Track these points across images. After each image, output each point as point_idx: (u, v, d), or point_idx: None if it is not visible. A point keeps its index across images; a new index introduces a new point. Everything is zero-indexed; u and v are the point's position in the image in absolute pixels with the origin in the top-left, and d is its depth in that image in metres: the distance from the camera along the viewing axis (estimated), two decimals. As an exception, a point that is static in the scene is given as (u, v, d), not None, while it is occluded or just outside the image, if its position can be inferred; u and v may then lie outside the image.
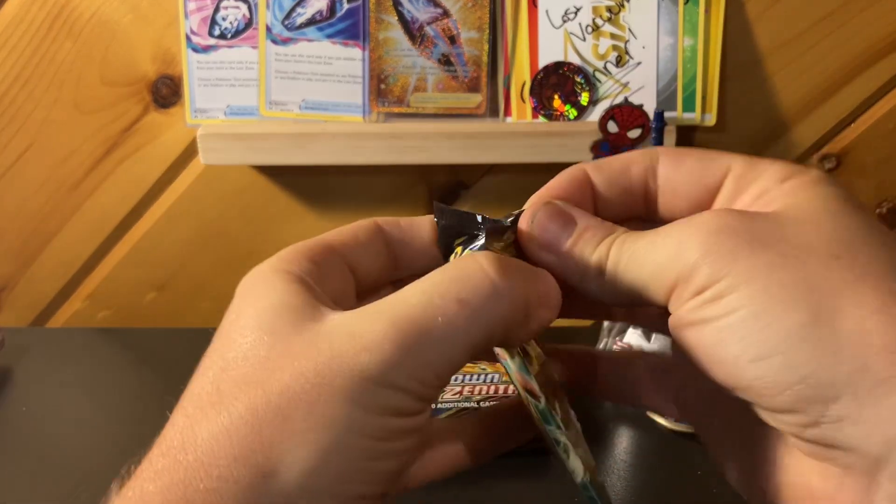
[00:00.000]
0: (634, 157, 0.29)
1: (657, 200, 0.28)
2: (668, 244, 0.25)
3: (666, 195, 0.28)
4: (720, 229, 0.24)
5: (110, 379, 0.70)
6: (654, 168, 0.28)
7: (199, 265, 0.80)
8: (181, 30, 0.69)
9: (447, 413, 0.57)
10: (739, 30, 0.71)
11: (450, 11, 0.68)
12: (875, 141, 0.76)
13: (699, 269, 0.24)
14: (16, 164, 0.76)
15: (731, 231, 0.24)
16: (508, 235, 0.29)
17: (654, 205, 0.29)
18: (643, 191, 0.28)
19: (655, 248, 0.25)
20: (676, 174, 0.28)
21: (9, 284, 0.82)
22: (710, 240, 0.24)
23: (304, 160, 0.69)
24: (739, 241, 0.24)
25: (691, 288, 0.24)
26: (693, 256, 0.24)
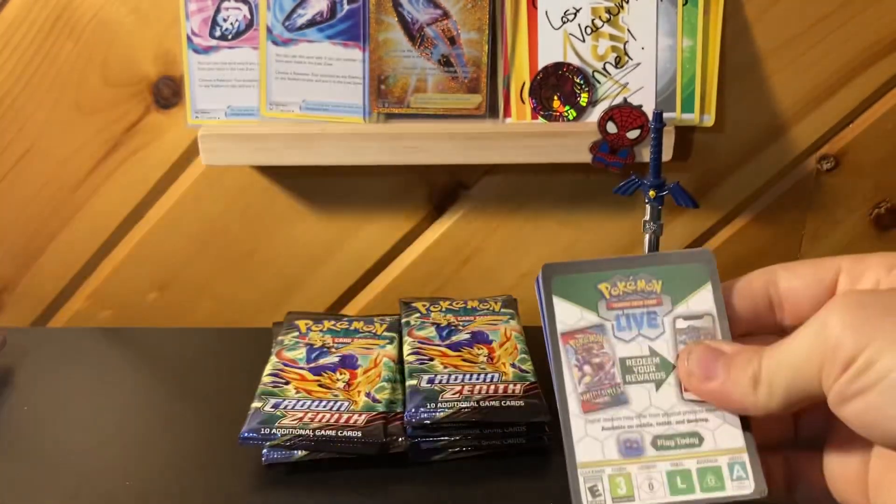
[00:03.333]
0: (755, 273, 0.32)
1: (783, 308, 0.32)
2: (807, 334, 0.27)
3: (790, 301, 0.31)
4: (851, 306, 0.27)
5: (112, 379, 0.71)
6: (774, 280, 0.32)
7: (200, 265, 0.81)
8: (182, 31, 0.69)
9: (447, 412, 0.57)
10: (738, 31, 0.71)
11: (449, 12, 0.68)
12: (874, 141, 0.76)
13: (842, 344, 0.26)
14: (17, 165, 0.77)
15: (862, 305, 0.27)
16: None
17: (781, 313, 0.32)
18: (768, 303, 0.32)
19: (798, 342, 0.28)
20: (795, 281, 0.31)
21: (10, 284, 0.82)
22: (845, 316, 0.26)
23: (304, 161, 0.69)
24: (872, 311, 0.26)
25: (839, 363, 0.26)
26: (834, 334, 0.26)
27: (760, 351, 0.29)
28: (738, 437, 0.30)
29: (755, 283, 0.32)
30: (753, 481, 0.30)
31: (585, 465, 0.31)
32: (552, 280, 0.32)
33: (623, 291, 0.32)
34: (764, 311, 0.32)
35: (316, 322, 0.71)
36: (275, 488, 0.57)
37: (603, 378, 0.32)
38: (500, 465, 0.59)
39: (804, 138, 0.76)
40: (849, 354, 0.26)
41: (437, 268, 0.81)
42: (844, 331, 0.26)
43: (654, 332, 0.32)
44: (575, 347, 0.32)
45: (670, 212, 0.77)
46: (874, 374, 0.25)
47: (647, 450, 0.31)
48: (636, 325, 0.32)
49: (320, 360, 0.66)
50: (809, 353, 0.27)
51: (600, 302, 0.32)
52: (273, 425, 0.57)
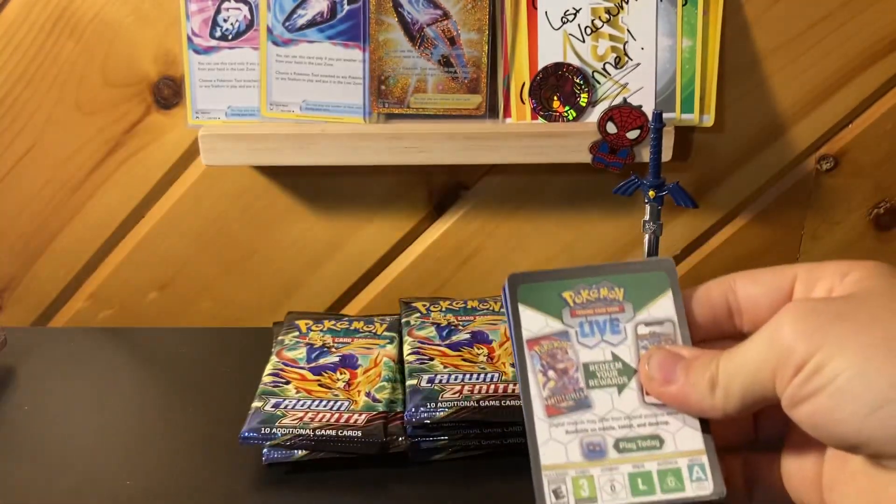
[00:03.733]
0: (713, 282, 0.33)
1: (742, 315, 0.32)
2: (762, 339, 0.29)
3: (748, 308, 0.32)
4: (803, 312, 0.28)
5: (112, 379, 0.71)
6: (733, 288, 0.32)
7: (200, 265, 0.81)
8: (182, 31, 0.69)
9: (447, 412, 0.57)
10: (738, 31, 0.71)
11: (450, 13, 0.68)
12: (873, 141, 0.76)
13: (794, 349, 0.27)
14: (18, 165, 0.77)
15: (813, 311, 0.28)
16: None
17: (740, 320, 0.33)
18: (727, 310, 0.33)
19: (753, 347, 0.29)
20: (753, 288, 0.32)
21: (11, 284, 0.82)
22: (797, 322, 0.27)
23: (304, 161, 0.69)
24: (824, 318, 0.27)
25: (791, 367, 0.27)
26: (786, 340, 0.27)
27: (718, 355, 0.30)
28: (697, 440, 0.31)
29: (714, 291, 0.33)
30: (712, 482, 0.31)
31: (549, 467, 0.32)
32: (517, 288, 0.33)
33: (586, 299, 0.33)
34: (723, 317, 0.33)
35: (316, 322, 0.71)
36: (275, 488, 0.57)
37: (567, 383, 0.32)
38: (499, 465, 0.59)
39: (804, 138, 0.76)
40: (800, 359, 0.27)
41: (437, 268, 0.81)
42: (796, 336, 0.27)
43: (617, 338, 0.33)
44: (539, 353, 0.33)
45: (670, 212, 0.77)
46: (823, 377, 0.26)
47: (609, 452, 0.31)
48: (599, 332, 0.33)
49: (320, 359, 0.66)
50: (764, 357, 0.28)
51: (564, 310, 0.33)
52: (273, 425, 0.57)
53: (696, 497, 0.30)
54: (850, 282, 0.29)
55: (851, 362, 0.26)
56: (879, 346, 0.26)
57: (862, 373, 0.26)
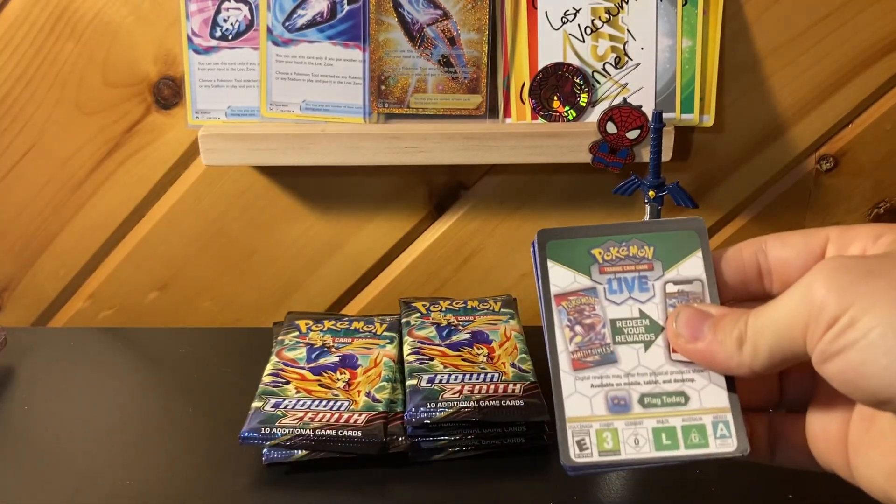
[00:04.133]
0: (746, 242, 0.33)
1: (772, 276, 0.32)
2: (793, 296, 0.28)
3: (778, 270, 0.32)
4: (836, 269, 0.28)
5: (112, 379, 0.71)
6: (764, 249, 0.33)
7: (200, 265, 0.81)
8: (182, 31, 0.69)
9: (447, 412, 0.57)
10: (737, 31, 0.71)
11: (449, 13, 0.68)
12: (873, 141, 0.76)
13: (827, 304, 0.27)
14: (18, 165, 0.77)
15: (847, 268, 0.28)
16: None
17: (769, 281, 0.33)
18: (757, 271, 0.33)
19: (784, 303, 0.29)
20: (785, 250, 0.32)
21: (11, 284, 0.82)
22: (830, 279, 0.27)
23: (304, 161, 0.69)
24: (856, 274, 0.27)
25: (823, 323, 0.27)
26: (819, 295, 0.27)
27: (746, 313, 0.30)
28: (722, 398, 0.31)
29: (745, 252, 0.33)
30: (736, 439, 0.31)
31: (574, 419, 0.32)
32: (546, 245, 0.33)
33: (616, 256, 0.33)
34: (752, 278, 0.33)
35: (316, 322, 0.71)
36: (275, 488, 0.57)
37: (594, 338, 0.33)
38: (500, 465, 0.59)
39: (804, 138, 0.76)
40: (832, 314, 0.27)
41: (437, 268, 0.81)
42: (829, 292, 0.27)
43: (645, 295, 0.33)
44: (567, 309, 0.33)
45: (670, 212, 0.77)
46: (855, 332, 0.26)
47: (634, 407, 0.32)
48: (627, 289, 0.33)
49: (320, 359, 0.66)
50: (795, 314, 0.28)
51: (593, 266, 0.34)
52: (273, 425, 0.57)
53: (720, 453, 0.31)
54: (883, 243, 0.29)
55: (883, 317, 0.26)
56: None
57: (894, 327, 0.26)
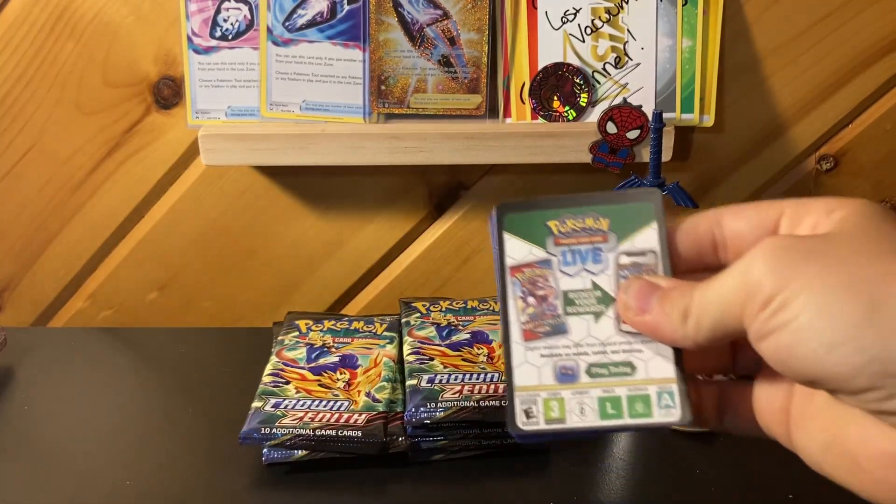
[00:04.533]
0: (701, 214, 0.34)
1: (727, 249, 0.33)
2: (734, 273, 0.29)
3: (733, 242, 0.32)
4: (775, 249, 0.28)
5: (112, 379, 0.71)
6: (720, 221, 0.33)
7: (200, 265, 0.81)
8: (182, 31, 0.69)
9: (447, 412, 0.57)
10: (738, 31, 0.71)
11: (450, 13, 0.68)
12: (873, 141, 0.76)
13: (763, 284, 0.28)
14: (18, 165, 0.77)
15: (786, 248, 0.28)
16: None
17: (724, 254, 0.33)
18: (712, 243, 0.33)
19: (725, 281, 0.29)
20: (740, 223, 0.32)
21: (11, 284, 0.82)
22: (768, 259, 0.28)
23: (304, 161, 0.69)
24: (795, 256, 0.28)
25: (759, 301, 0.28)
26: (756, 275, 0.28)
27: (694, 287, 0.31)
28: (668, 369, 0.32)
29: (701, 224, 0.33)
30: (680, 410, 0.31)
31: (522, 388, 0.32)
32: (504, 218, 0.34)
33: (571, 228, 0.34)
34: (707, 250, 0.33)
35: (316, 322, 0.71)
36: (275, 488, 0.57)
37: (545, 309, 0.33)
38: (500, 465, 0.59)
39: (804, 138, 0.76)
40: (767, 294, 0.28)
41: (437, 268, 0.81)
42: (766, 272, 0.28)
43: (598, 267, 0.34)
44: (521, 280, 0.34)
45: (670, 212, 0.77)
46: (787, 314, 0.27)
47: (581, 377, 0.32)
48: (581, 261, 0.34)
49: (320, 359, 0.66)
50: (735, 291, 0.29)
51: (548, 238, 0.34)
52: (273, 425, 0.57)
53: (663, 423, 0.31)
54: (834, 219, 0.30)
55: (815, 301, 0.27)
56: (846, 286, 0.27)
57: (823, 312, 0.27)
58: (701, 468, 0.57)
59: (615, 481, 0.56)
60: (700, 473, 0.57)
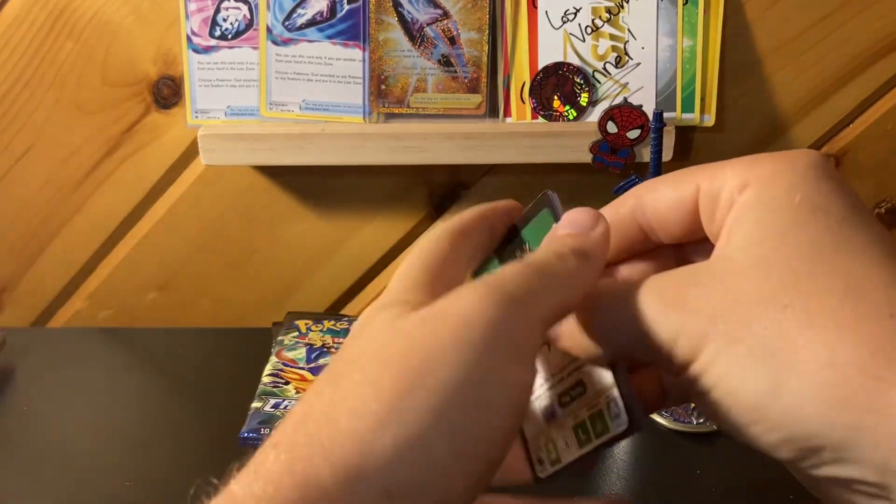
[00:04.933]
0: (619, 200, 0.30)
1: (655, 231, 0.30)
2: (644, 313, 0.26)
3: (659, 225, 0.30)
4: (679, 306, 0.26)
5: (111, 379, 0.71)
6: (641, 205, 0.30)
7: (199, 265, 0.81)
8: (182, 30, 0.69)
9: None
10: (738, 31, 0.71)
11: (450, 12, 0.68)
12: (874, 141, 0.76)
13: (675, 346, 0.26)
14: (17, 165, 0.77)
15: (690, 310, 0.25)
16: None
17: (654, 235, 0.30)
18: (638, 229, 0.30)
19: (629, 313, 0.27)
20: (659, 204, 0.29)
21: (10, 284, 0.82)
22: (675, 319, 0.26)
23: (304, 160, 0.69)
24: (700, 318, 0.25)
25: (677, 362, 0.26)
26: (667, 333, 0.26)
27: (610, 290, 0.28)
28: (607, 375, 0.29)
29: (622, 211, 0.31)
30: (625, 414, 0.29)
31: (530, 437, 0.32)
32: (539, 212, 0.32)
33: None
34: (635, 236, 0.31)
35: (316, 322, 0.71)
36: (275, 488, 0.57)
37: None
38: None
39: (804, 138, 0.76)
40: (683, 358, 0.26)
41: (437, 268, 0.81)
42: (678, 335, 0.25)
43: None
44: None
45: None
46: (706, 382, 0.25)
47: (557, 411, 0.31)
48: None
49: (320, 360, 0.66)
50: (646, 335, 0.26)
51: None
52: (273, 425, 0.57)
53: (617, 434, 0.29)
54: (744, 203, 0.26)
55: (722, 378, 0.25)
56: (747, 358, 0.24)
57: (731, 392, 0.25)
58: (701, 468, 0.57)
59: (615, 481, 0.56)
60: (700, 473, 0.57)
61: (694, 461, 0.58)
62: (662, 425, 0.62)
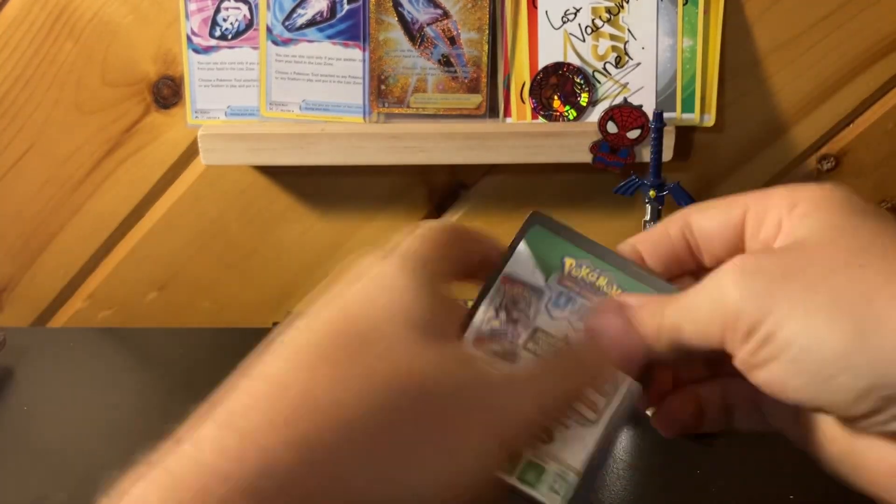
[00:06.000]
0: (670, 219, 0.32)
1: (701, 251, 0.32)
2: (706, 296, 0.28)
3: (704, 244, 0.31)
4: (747, 272, 0.27)
5: (111, 379, 0.71)
6: (689, 224, 0.31)
7: (199, 265, 0.81)
8: (182, 30, 0.69)
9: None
10: (738, 30, 0.71)
11: (450, 12, 0.68)
12: (874, 141, 0.76)
13: (742, 313, 0.26)
14: (17, 165, 0.77)
15: (759, 271, 0.27)
16: None
17: (700, 256, 0.32)
18: (686, 247, 0.32)
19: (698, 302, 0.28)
20: (707, 224, 0.31)
21: (10, 284, 0.82)
22: (741, 283, 0.27)
23: (304, 160, 0.69)
24: (770, 279, 0.26)
25: (741, 331, 0.26)
26: (731, 301, 0.27)
27: (664, 303, 0.29)
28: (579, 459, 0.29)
29: (671, 228, 0.32)
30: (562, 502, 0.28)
31: None
32: (531, 228, 0.32)
33: (582, 277, 0.32)
34: (684, 255, 0.32)
35: (316, 322, 0.71)
36: (275, 488, 0.57)
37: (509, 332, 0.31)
38: (500, 466, 0.58)
39: (804, 138, 0.76)
40: (749, 324, 0.26)
41: (437, 268, 0.81)
42: (742, 299, 0.26)
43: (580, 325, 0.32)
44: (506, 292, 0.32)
45: (671, 212, 0.77)
46: (775, 347, 0.26)
47: None
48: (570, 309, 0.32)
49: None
50: (710, 315, 0.27)
51: (556, 273, 0.32)
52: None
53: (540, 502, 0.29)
54: (799, 214, 0.28)
55: (801, 331, 0.25)
56: (830, 309, 0.25)
57: (812, 343, 0.25)
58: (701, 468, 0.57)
59: (615, 482, 0.56)
60: (700, 474, 0.57)
61: (693, 461, 0.58)
62: (662, 425, 0.61)
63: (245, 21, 0.69)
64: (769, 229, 0.29)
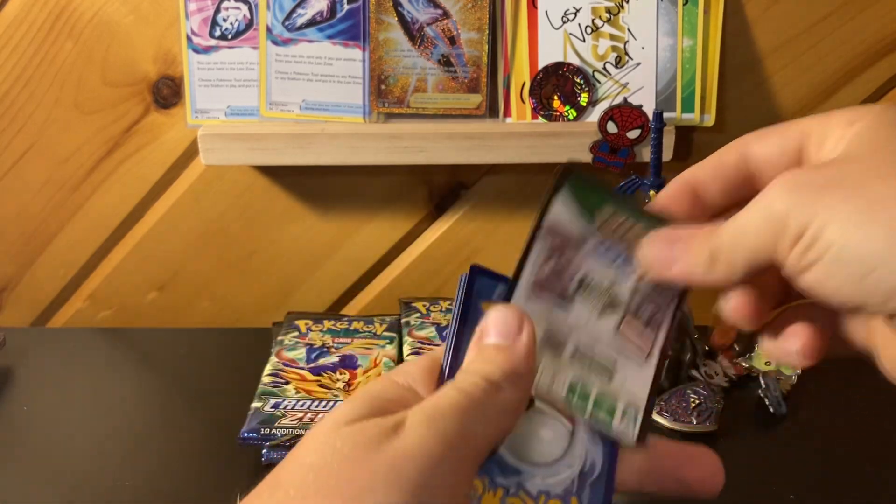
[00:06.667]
0: (725, 149, 0.33)
1: (761, 180, 0.32)
2: (756, 211, 0.29)
3: (764, 171, 0.32)
4: (794, 183, 0.29)
5: (111, 379, 0.71)
6: (747, 154, 0.33)
7: (199, 265, 0.81)
8: (182, 30, 0.69)
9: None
10: (738, 30, 0.71)
11: (450, 12, 0.68)
12: (874, 141, 0.76)
13: (790, 220, 0.28)
14: (17, 165, 0.77)
15: (804, 182, 0.28)
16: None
17: (758, 183, 0.32)
18: (742, 175, 0.33)
19: (749, 218, 0.30)
20: (767, 149, 0.32)
21: (10, 284, 0.82)
22: (788, 194, 0.28)
23: (304, 160, 0.69)
24: (815, 187, 0.28)
25: (790, 237, 0.28)
26: (780, 211, 0.28)
27: (714, 230, 0.31)
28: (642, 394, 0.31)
29: (727, 159, 0.33)
30: (636, 434, 0.31)
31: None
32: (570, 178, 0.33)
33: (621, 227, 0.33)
34: (737, 185, 0.33)
35: (316, 322, 0.71)
36: (275, 488, 0.57)
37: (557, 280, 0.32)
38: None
39: (804, 138, 0.76)
40: (796, 230, 0.28)
41: (437, 267, 0.81)
42: (790, 208, 0.28)
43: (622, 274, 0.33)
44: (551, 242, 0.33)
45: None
46: (819, 248, 0.28)
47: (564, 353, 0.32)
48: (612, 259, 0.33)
49: (320, 360, 0.66)
50: (761, 228, 0.29)
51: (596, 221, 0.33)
52: (273, 425, 0.57)
53: (617, 437, 0.31)
54: (855, 130, 0.30)
55: (843, 231, 0.27)
56: (870, 210, 0.27)
57: (852, 241, 0.27)
58: (701, 468, 0.57)
59: (616, 482, 0.56)
60: (701, 474, 0.57)
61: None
62: (662, 425, 0.62)
63: (245, 21, 0.69)
64: (829, 146, 0.31)
